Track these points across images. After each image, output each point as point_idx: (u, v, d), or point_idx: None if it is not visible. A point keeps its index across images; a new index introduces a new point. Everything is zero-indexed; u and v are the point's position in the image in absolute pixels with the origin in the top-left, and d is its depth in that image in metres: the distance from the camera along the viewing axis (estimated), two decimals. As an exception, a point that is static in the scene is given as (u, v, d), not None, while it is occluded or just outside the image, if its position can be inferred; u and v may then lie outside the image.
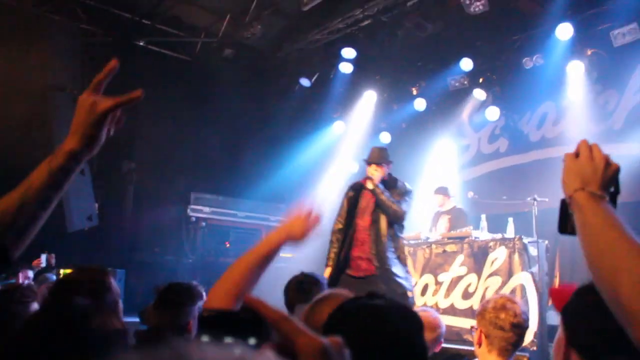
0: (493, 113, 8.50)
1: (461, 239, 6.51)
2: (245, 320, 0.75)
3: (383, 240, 5.23)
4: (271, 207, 9.27)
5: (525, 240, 6.06)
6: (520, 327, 2.49)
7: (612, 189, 1.23)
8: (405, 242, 6.92)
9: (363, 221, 5.37)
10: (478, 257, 6.26)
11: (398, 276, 5.15)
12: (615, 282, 1.00)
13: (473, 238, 6.41)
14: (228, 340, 0.73)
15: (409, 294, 5.24)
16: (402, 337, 1.21)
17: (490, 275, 6.11)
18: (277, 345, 0.72)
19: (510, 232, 6.40)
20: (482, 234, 6.45)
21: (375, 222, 5.29)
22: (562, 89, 7.87)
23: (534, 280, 5.80)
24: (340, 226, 5.48)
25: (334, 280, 5.21)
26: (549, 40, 7.50)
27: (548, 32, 7.41)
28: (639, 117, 7.72)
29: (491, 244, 6.21)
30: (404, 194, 5.38)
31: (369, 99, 9.20)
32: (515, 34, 7.99)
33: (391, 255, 5.23)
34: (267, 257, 1.76)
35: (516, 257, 5.96)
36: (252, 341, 0.73)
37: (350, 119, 9.52)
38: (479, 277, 6.21)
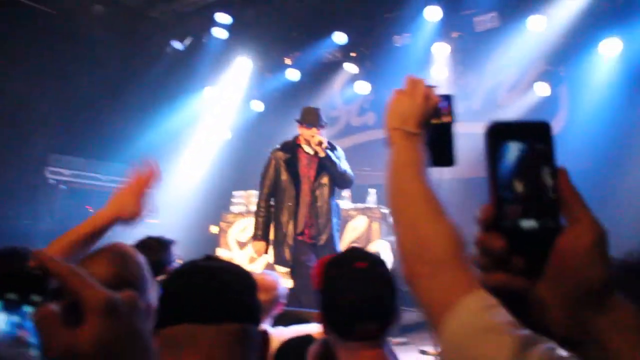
0: (363, 87, 8.73)
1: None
2: (34, 276, 0.73)
3: (327, 206, 4.95)
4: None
5: (385, 210, 6.34)
6: None
7: (446, 120, 1.22)
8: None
9: (307, 186, 5.00)
10: (340, 226, 6.47)
11: (337, 246, 4.97)
12: (396, 219, 1.03)
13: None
14: (11, 297, 0.71)
15: None
16: (233, 296, 1.24)
17: (350, 242, 6.36)
18: (63, 302, 0.69)
19: (371, 202, 6.66)
20: (344, 203, 6.67)
21: (319, 187, 4.97)
22: (428, 68, 8.23)
23: (392, 248, 6.11)
24: (267, 191, 5.07)
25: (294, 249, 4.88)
26: (418, 20, 7.79)
27: (417, 12, 7.68)
28: (495, 98, 8.29)
29: (352, 212, 6.44)
30: (340, 157, 5.06)
31: (242, 66, 9.11)
32: (387, 12, 8.21)
33: (334, 223, 4.99)
34: (92, 236, 1.70)
35: (375, 225, 6.24)
36: (36, 298, 0.71)
37: (223, 86, 9.39)
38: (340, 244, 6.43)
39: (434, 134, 1.21)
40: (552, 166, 0.67)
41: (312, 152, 5.01)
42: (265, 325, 2.80)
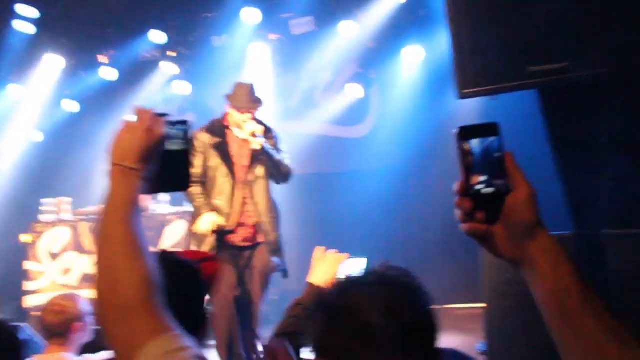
0: (183, 87, 8.63)
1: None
2: None
3: (267, 201, 4.35)
4: None
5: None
6: None
7: (181, 147, 1.23)
8: (86, 217, 6.71)
9: (241, 177, 4.35)
10: (158, 230, 6.34)
11: (282, 248, 4.39)
12: (95, 262, 1.02)
13: (152, 212, 6.45)
14: None
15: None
16: None
17: (170, 248, 6.26)
18: None
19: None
20: (162, 207, 6.55)
21: (257, 177, 4.36)
22: (246, 69, 8.33)
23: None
24: (197, 180, 4.27)
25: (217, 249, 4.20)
26: (236, 21, 7.83)
27: (235, 14, 7.72)
28: (311, 98, 8.65)
29: (170, 217, 6.35)
30: (277, 142, 4.44)
31: (52, 63, 8.49)
32: (206, 12, 8.15)
33: (275, 220, 4.39)
34: None
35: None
36: None
37: (31, 84, 8.69)
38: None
39: (168, 160, 1.21)
40: (501, 150, 0.97)
41: (243, 137, 4.35)
42: (69, 355, 2.68)
